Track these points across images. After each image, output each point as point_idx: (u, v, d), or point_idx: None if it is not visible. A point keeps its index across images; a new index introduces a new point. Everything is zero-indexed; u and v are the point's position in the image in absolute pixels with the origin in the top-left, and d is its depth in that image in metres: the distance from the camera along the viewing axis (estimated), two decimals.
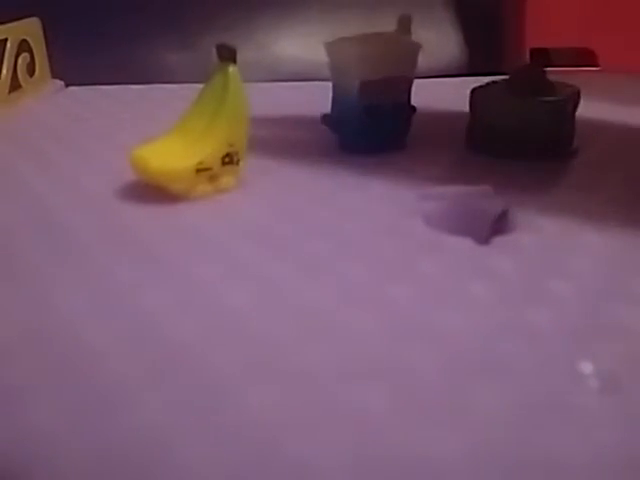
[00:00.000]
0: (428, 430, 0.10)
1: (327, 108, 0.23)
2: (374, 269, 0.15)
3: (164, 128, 0.19)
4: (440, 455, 0.09)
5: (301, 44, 0.44)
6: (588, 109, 0.23)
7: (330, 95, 0.23)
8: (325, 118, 0.22)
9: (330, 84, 0.22)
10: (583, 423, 0.10)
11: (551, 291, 0.13)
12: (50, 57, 0.34)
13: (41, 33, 0.33)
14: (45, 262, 0.15)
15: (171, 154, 0.18)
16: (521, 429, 0.10)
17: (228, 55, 0.18)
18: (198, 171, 0.18)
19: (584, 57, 0.46)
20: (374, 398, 0.10)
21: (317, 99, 0.26)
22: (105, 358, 0.12)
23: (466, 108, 0.23)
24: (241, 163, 0.19)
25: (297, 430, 0.10)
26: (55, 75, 0.35)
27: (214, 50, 0.18)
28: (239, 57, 0.18)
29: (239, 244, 0.16)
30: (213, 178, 0.19)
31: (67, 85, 0.35)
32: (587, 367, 0.11)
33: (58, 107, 0.31)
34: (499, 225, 0.17)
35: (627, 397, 0.11)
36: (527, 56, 0.40)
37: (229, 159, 0.19)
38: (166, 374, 0.11)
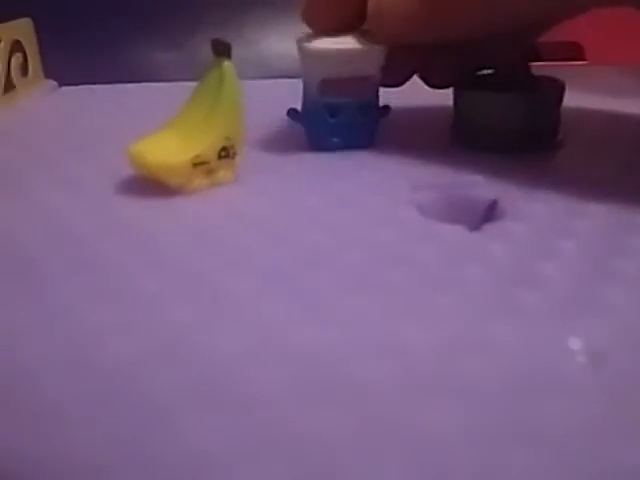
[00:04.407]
0: (424, 404, 0.10)
1: None
2: (372, 256, 0.15)
3: (158, 125, 0.19)
4: (435, 427, 0.10)
5: (290, 41, 0.44)
6: (574, 102, 0.24)
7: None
8: (291, 112, 0.22)
9: None
10: (572, 396, 0.10)
11: (540, 273, 0.14)
12: (43, 57, 0.35)
13: (34, 33, 0.34)
14: (46, 257, 0.15)
15: (168, 148, 0.18)
16: (514, 402, 0.10)
17: (223, 50, 0.18)
18: (195, 165, 0.18)
19: (572, 51, 0.46)
20: (374, 375, 0.11)
21: None
22: (108, 343, 0.12)
23: (451, 102, 0.23)
24: (237, 157, 0.19)
25: (301, 406, 0.10)
26: (48, 75, 0.35)
27: (208, 46, 0.18)
28: None
29: (238, 235, 0.16)
30: (210, 172, 0.19)
31: (60, 85, 0.36)
32: (576, 343, 0.12)
33: (52, 107, 0.32)
34: (490, 213, 0.18)
35: (613, 371, 0.11)
36: None
37: (225, 153, 0.19)
38: (169, 359, 0.11)
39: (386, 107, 0.23)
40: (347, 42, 0.21)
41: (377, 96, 0.22)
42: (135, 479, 0.09)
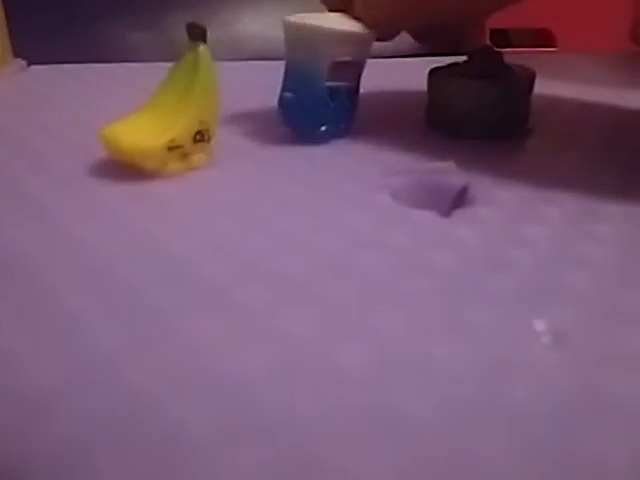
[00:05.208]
0: (398, 386, 0.11)
1: None
2: (346, 240, 0.15)
3: (131, 106, 0.19)
4: (408, 409, 0.10)
5: (265, 22, 0.44)
6: (545, 89, 0.24)
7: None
8: (282, 100, 0.21)
9: None
10: (537, 376, 0.11)
11: (508, 258, 0.14)
12: (11, 35, 0.34)
13: (2, 12, 0.33)
14: (22, 241, 0.15)
15: (142, 132, 0.18)
16: (482, 383, 0.11)
17: (199, 34, 0.18)
18: (170, 149, 0.18)
19: (542, 37, 0.47)
20: (347, 357, 0.11)
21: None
22: (89, 326, 0.12)
23: (426, 88, 0.24)
24: (212, 141, 0.19)
25: (278, 388, 0.11)
26: (16, 54, 0.35)
27: (182, 26, 0.18)
28: None
29: (212, 219, 0.16)
30: (185, 156, 0.19)
31: (29, 64, 0.35)
32: (540, 325, 0.12)
33: (22, 86, 0.31)
34: (460, 199, 0.18)
35: (576, 352, 0.12)
36: (487, 36, 0.41)
37: (200, 137, 0.19)
38: (148, 343, 0.12)
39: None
40: (352, 25, 0.20)
41: (359, 81, 0.23)
42: (119, 461, 0.09)
